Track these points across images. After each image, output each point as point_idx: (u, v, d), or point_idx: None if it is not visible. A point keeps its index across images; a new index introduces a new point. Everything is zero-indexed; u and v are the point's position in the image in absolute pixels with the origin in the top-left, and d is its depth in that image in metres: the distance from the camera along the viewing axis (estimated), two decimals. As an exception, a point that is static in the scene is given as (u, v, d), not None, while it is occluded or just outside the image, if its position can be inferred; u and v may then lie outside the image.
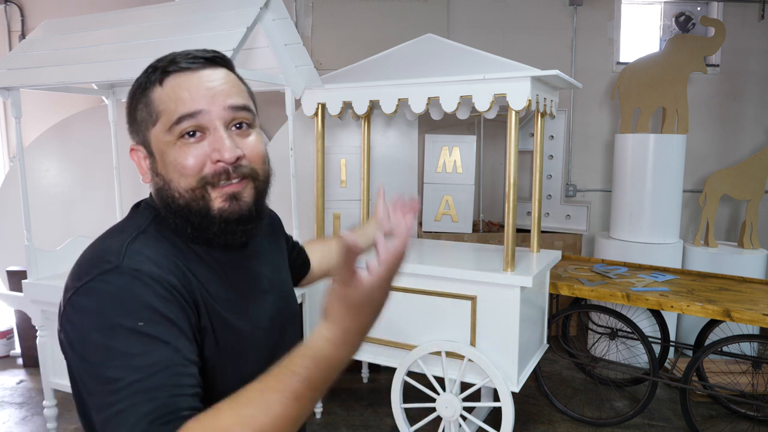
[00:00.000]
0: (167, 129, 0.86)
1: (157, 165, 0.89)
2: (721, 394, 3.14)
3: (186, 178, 0.86)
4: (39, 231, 3.67)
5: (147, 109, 0.88)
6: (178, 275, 0.83)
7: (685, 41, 4.10)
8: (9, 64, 2.77)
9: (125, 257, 0.80)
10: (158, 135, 0.87)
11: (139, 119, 0.89)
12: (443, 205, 4.19)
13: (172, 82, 0.87)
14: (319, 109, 2.94)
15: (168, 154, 0.87)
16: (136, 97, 0.90)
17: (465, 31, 4.65)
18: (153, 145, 0.88)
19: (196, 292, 0.84)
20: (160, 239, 0.88)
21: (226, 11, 2.48)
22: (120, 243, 0.83)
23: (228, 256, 0.94)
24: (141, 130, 0.90)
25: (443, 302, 2.64)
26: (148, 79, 0.88)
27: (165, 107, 0.86)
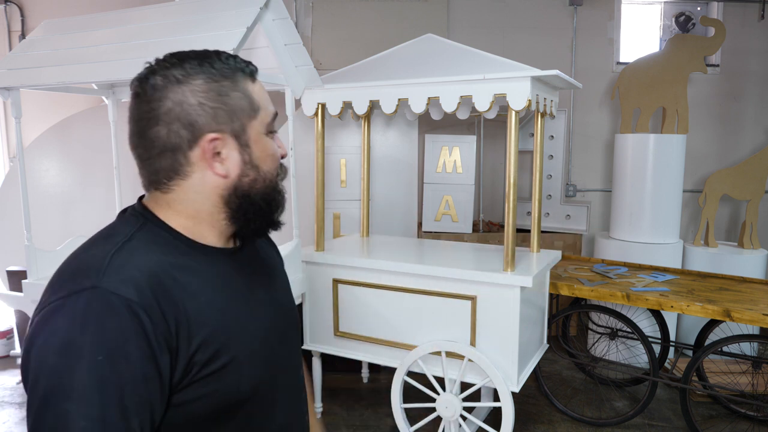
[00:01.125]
0: (266, 124, 0.91)
1: (254, 156, 0.89)
2: (721, 394, 3.14)
3: (275, 163, 0.93)
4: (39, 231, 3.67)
5: (246, 99, 0.88)
6: (160, 297, 0.78)
7: (685, 41, 4.10)
8: (9, 64, 2.77)
9: (105, 274, 0.76)
10: (258, 127, 0.89)
11: (235, 107, 0.87)
12: (443, 205, 4.19)
13: (258, 83, 0.91)
14: (319, 109, 2.95)
15: (266, 144, 0.91)
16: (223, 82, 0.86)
17: (465, 31, 4.65)
18: (251, 136, 0.88)
19: (179, 309, 0.79)
20: (148, 247, 0.83)
21: (226, 11, 2.48)
22: (103, 254, 0.79)
23: (227, 263, 0.92)
24: (239, 119, 0.87)
25: (443, 302, 2.64)
26: (241, 70, 0.89)
27: (262, 104, 0.90)
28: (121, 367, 0.72)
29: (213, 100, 0.85)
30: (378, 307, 2.81)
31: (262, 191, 0.90)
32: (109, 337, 0.72)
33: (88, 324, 0.72)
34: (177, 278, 0.82)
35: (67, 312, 0.73)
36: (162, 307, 0.77)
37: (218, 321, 0.84)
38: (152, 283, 0.78)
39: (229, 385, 0.84)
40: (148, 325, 0.75)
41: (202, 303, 0.83)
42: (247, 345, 0.88)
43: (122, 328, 0.73)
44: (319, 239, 3.02)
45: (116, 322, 0.73)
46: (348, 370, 3.75)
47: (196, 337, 0.80)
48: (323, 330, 2.99)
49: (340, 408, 3.35)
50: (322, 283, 2.95)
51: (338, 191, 3.85)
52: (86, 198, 4.16)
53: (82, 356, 0.70)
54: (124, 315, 0.73)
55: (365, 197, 3.46)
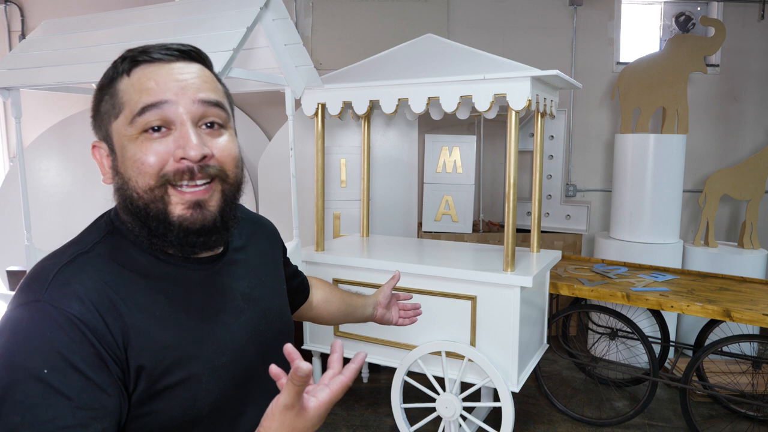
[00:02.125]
0: (129, 121, 0.79)
1: (117, 162, 0.82)
2: (721, 394, 3.13)
3: (144, 176, 0.79)
4: (39, 231, 3.67)
5: (111, 100, 0.81)
6: (106, 311, 0.75)
7: (685, 41, 4.10)
8: (9, 64, 2.77)
9: (49, 288, 0.74)
10: (120, 128, 0.80)
11: (102, 111, 0.83)
12: (443, 205, 4.19)
13: (139, 73, 0.80)
14: (319, 109, 2.94)
15: (128, 148, 0.79)
16: (102, 89, 0.83)
17: (465, 31, 4.65)
18: (114, 139, 0.81)
19: (126, 325, 0.76)
20: (104, 260, 0.80)
21: (226, 11, 2.48)
22: (52, 267, 0.77)
23: (195, 273, 0.86)
24: (104, 124, 0.83)
25: (443, 302, 2.64)
26: (116, 70, 0.82)
27: (129, 98, 0.79)
28: (68, 378, 0.69)
29: (94, 108, 0.85)
30: (378, 307, 2.81)
31: (139, 202, 0.80)
32: (53, 349, 0.70)
33: (30, 337, 0.70)
34: (128, 294, 0.78)
35: (12, 325, 0.72)
36: (107, 323, 0.74)
37: (172, 339, 0.80)
38: (96, 299, 0.75)
39: (184, 401, 0.81)
40: (92, 337, 0.72)
41: (154, 320, 0.79)
42: (209, 362, 0.83)
43: (65, 341, 0.71)
44: (319, 239, 3.02)
45: (59, 335, 0.71)
46: (348, 370, 3.75)
47: (144, 354, 0.77)
48: (323, 330, 2.99)
49: (340, 408, 3.36)
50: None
51: (338, 191, 3.85)
52: (86, 198, 4.16)
53: (25, 369, 0.69)
54: (66, 328, 0.71)
55: (365, 197, 3.46)
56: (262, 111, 4.54)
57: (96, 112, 0.84)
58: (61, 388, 0.69)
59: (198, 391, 0.82)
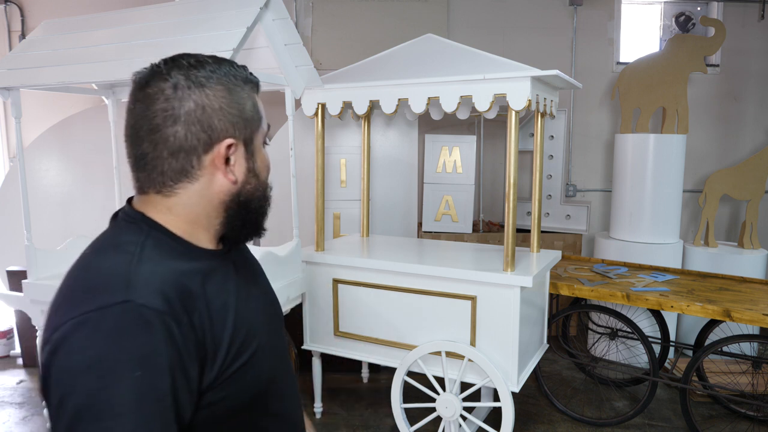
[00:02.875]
0: (264, 134, 0.94)
1: (256, 165, 0.92)
2: (721, 394, 3.14)
3: (268, 174, 0.97)
4: (39, 231, 3.67)
5: (254, 110, 0.90)
6: (186, 305, 0.78)
7: (685, 41, 4.10)
8: (9, 64, 2.77)
9: (133, 288, 0.74)
10: (259, 137, 0.92)
11: (248, 116, 0.89)
12: (443, 205, 4.19)
13: (258, 96, 0.93)
14: (319, 109, 2.95)
15: (265, 156, 0.95)
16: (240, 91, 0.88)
17: (465, 31, 4.65)
18: (256, 145, 0.92)
19: (203, 315, 0.81)
20: (161, 256, 0.82)
21: (226, 11, 2.48)
22: (125, 267, 0.78)
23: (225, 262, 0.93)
24: (251, 127, 0.90)
25: (443, 302, 2.64)
26: (248, 81, 0.90)
27: (262, 115, 0.93)
28: (158, 381, 0.71)
29: (232, 107, 0.86)
30: (378, 307, 2.81)
31: (258, 199, 0.93)
32: (144, 352, 0.71)
33: (121, 339, 0.70)
34: (197, 285, 0.82)
35: (94, 328, 0.70)
36: (189, 316, 0.78)
37: (235, 320, 0.86)
38: (179, 293, 0.78)
39: (254, 376, 0.87)
40: (178, 336, 0.75)
41: (219, 306, 0.84)
42: (259, 338, 0.90)
43: (156, 342, 0.72)
44: (319, 239, 3.02)
45: (149, 336, 0.72)
46: (348, 370, 3.75)
47: (220, 340, 0.82)
48: (323, 330, 2.99)
49: (340, 408, 3.36)
50: (322, 283, 2.95)
51: (338, 191, 3.85)
52: (86, 198, 4.16)
53: (117, 372, 0.69)
54: (156, 328, 0.73)
55: (365, 197, 3.46)
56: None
57: (238, 110, 0.88)
58: (153, 390, 0.71)
59: (261, 366, 0.89)
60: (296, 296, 2.92)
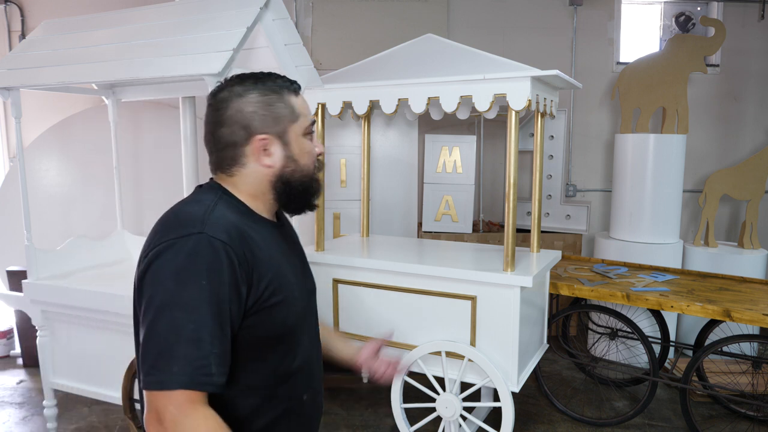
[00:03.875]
0: (304, 128, 1.20)
1: (293, 152, 1.18)
2: (721, 394, 3.14)
3: (311, 162, 1.22)
4: (39, 231, 3.67)
5: (288, 108, 1.17)
6: (242, 244, 1.07)
7: (685, 41, 4.10)
8: (9, 64, 2.77)
9: (206, 224, 1.04)
10: (297, 130, 1.19)
11: (278, 114, 1.16)
12: (443, 205, 4.19)
13: (301, 97, 1.21)
14: (319, 109, 2.94)
15: (303, 143, 1.21)
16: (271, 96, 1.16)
17: (465, 31, 4.65)
18: (291, 136, 1.18)
19: (254, 255, 1.08)
20: (229, 210, 1.12)
21: (226, 11, 2.48)
22: (202, 211, 1.08)
23: (276, 229, 1.23)
24: (281, 123, 1.16)
25: (443, 302, 2.64)
26: (286, 87, 1.18)
27: (302, 112, 1.20)
28: (218, 289, 1.01)
29: (263, 109, 1.15)
30: (378, 307, 2.81)
31: (300, 179, 1.20)
32: (211, 268, 1.01)
33: (196, 257, 1.00)
34: (250, 234, 1.11)
35: (179, 249, 1.01)
36: (244, 252, 1.07)
37: (275, 269, 1.13)
38: (238, 234, 1.07)
39: (279, 318, 1.13)
40: (236, 262, 1.04)
41: (265, 254, 1.12)
42: (292, 290, 1.17)
43: (220, 262, 1.02)
44: (319, 239, 3.02)
45: (216, 258, 1.02)
46: (348, 370, 3.74)
47: (263, 278, 1.09)
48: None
49: (340, 408, 3.36)
50: (322, 283, 2.95)
51: (338, 191, 3.85)
52: (86, 198, 4.16)
53: (191, 279, 0.99)
54: (221, 253, 1.02)
55: (365, 197, 3.46)
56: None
57: (269, 111, 1.16)
58: (213, 295, 1.00)
59: (289, 311, 1.15)
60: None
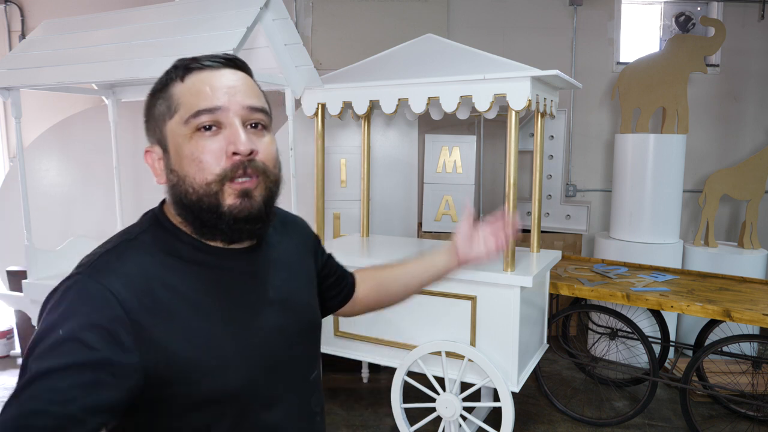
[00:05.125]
0: (184, 121, 0.86)
1: (172, 160, 0.88)
2: (721, 394, 3.13)
3: (203, 171, 0.85)
4: (39, 231, 3.67)
5: (166, 103, 0.89)
6: (141, 291, 0.81)
7: (685, 41, 4.10)
8: (9, 64, 2.77)
9: (92, 265, 0.83)
10: (174, 128, 0.87)
11: (156, 114, 0.90)
12: (443, 205, 4.19)
13: (193, 78, 0.88)
14: (319, 109, 2.94)
15: (184, 147, 0.86)
16: (156, 94, 0.91)
17: (465, 31, 4.65)
18: (169, 138, 0.88)
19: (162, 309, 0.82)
20: (145, 250, 0.87)
21: (226, 11, 2.48)
22: (98, 251, 0.86)
23: (232, 262, 0.92)
24: (158, 125, 0.90)
25: (443, 302, 2.64)
26: (169, 77, 0.90)
27: (185, 101, 0.87)
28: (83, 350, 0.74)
29: (147, 115, 0.92)
30: (378, 307, 2.81)
31: (186, 195, 0.87)
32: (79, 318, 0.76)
33: (65, 305, 0.78)
34: (166, 277, 0.85)
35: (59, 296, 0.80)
36: (140, 300, 0.81)
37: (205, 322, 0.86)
38: (133, 278, 0.82)
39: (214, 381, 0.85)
40: (119, 312, 0.78)
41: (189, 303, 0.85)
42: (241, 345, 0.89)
43: (92, 311, 0.77)
44: (319, 239, 3.02)
45: (87, 305, 0.78)
46: (348, 370, 3.75)
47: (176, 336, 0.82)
48: (323, 330, 2.98)
49: (340, 408, 3.36)
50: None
51: (338, 191, 3.85)
52: (86, 198, 4.16)
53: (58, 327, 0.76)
54: (96, 299, 0.78)
55: (365, 197, 3.45)
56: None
57: (149, 117, 0.92)
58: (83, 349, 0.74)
59: (227, 372, 0.86)
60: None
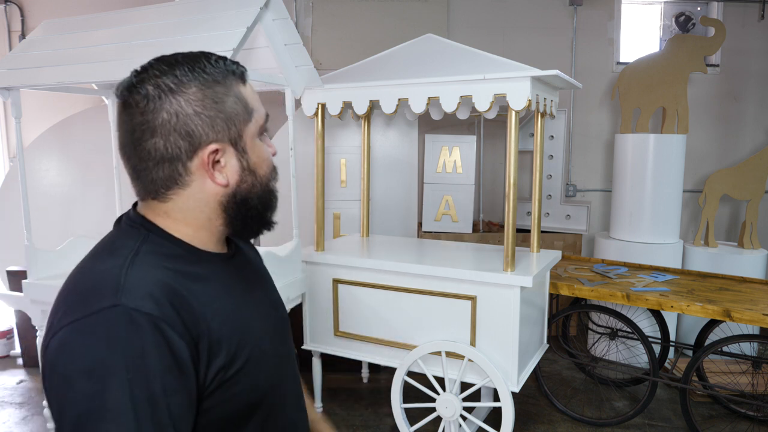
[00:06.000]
0: (260, 126, 0.89)
1: (251, 161, 0.88)
2: (721, 394, 3.14)
3: (268, 167, 0.91)
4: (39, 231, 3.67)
5: (241, 103, 0.85)
6: (178, 309, 0.77)
7: (685, 41, 4.10)
8: (9, 64, 2.77)
9: (123, 292, 0.74)
10: (252, 130, 0.87)
11: (230, 112, 0.84)
12: (443, 205, 4.19)
13: (250, 86, 0.88)
14: (319, 109, 2.95)
15: (260, 148, 0.89)
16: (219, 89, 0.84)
17: (465, 31, 4.65)
18: (246, 140, 0.87)
19: (198, 318, 0.79)
20: (156, 259, 0.82)
21: (226, 11, 2.48)
22: (117, 271, 0.78)
23: (226, 267, 0.92)
24: (234, 125, 0.85)
25: (443, 302, 2.64)
26: (233, 72, 0.86)
27: (255, 107, 0.87)
28: (150, 383, 0.71)
29: (209, 108, 0.83)
30: (378, 307, 2.81)
31: (258, 195, 0.90)
32: (136, 354, 0.71)
33: (113, 343, 0.71)
34: (190, 288, 0.81)
35: (88, 333, 0.72)
36: (183, 319, 0.77)
37: (232, 325, 0.84)
38: (170, 296, 0.77)
39: (248, 385, 0.85)
40: (172, 337, 0.74)
41: (216, 310, 0.83)
42: (258, 345, 0.88)
43: (147, 344, 0.72)
44: (319, 239, 3.02)
45: (140, 339, 0.72)
46: (348, 370, 3.75)
47: (216, 344, 0.80)
48: (323, 330, 2.99)
49: (340, 408, 3.36)
50: (322, 283, 2.95)
51: (338, 191, 3.85)
52: (86, 198, 4.16)
53: (111, 376, 0.69)
54: (147, 331, 0.73)
55: (365, 197, 3.45)
56: (262, 111, 4.54)
57: (218, 111, 0.84)
58: (145, 392, 0.71)
59: (257, 373, 0.87)
60: (296, 296, 2.92)
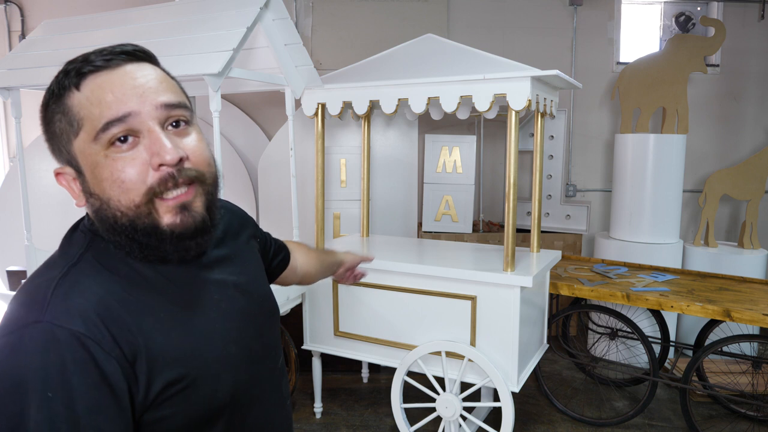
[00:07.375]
0: (93, 138, 0.74)
1: (89, 183, 0.77)
2: (721, 394, 3.13)
3: (128, 193, 0.75)
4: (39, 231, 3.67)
5: (66, 118, 0.76)
6: (111, 322, 0.72)
7: (685, 41, 4.10)
8: (9, 64, 2.77)
9: (49, 308, 0.70)
10: (83, 147, 0.76)
11: (58, 132, 0.77)
12: (443, 205, 4.19)
13: (90, 84, 0.75)
14: (319, 109, 2.94)
15: (101, 168, 0.75)
16: (49, 107, 0.78)
17: (465, 31, 4.65)
18: (80, 160, 0.77)
19: (133, 335, 0.74)
20: (96, 269, 0.77)
21: (226, 11, 2.48)
22: (47, 285, 0.74)
23: (185, 270, 0.85)
24: (63, 145, 0.78)
25: (443, 302, 2.64)
26: (61, 85, 0.76)
27: (87, 113, 0.74)
28: (73, 402, 0.67)
29: (46, 131, 0.80)
30: (378, 307, 2.81)
31: (124, 220, 0.76)
32: (56, 372, 0.67)
33: (34, 361, 0.67)
34: (128, 301, 0.76)
35: (10, 351, 0.68)
36: (114, 335, 0.72)
37: (181, 336, 0.79)
38: (100, 311, 0.72)
39: (207, 393, 0.80)
40: (99, 354, 0.70)
41: (160, 322, 0.77)
42: (220, 354, 0.83)
43: (68, 362, 0.68)
44: (319, 239, 3.02)
45: (61, 356, 0.68)
46: (348, 370, 3.75)
47: (159, 359, 0.75)
48: (323, 330, 2.99)
49: (340, 408, 3.36)
50: (322, 283, 2.95)
51: (338, 191, 3.85)
52: (86, 198, 4.15)
53: (31, 395, 0.66)
54: (70, 348, 0.68)
55: (365, 197, 3.45)
56: (262, 111, 4.54)
57: (50, 135, 0.79)
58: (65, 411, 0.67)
59: (216, 384, 0.82)
60: (296, 296, 2.92)
